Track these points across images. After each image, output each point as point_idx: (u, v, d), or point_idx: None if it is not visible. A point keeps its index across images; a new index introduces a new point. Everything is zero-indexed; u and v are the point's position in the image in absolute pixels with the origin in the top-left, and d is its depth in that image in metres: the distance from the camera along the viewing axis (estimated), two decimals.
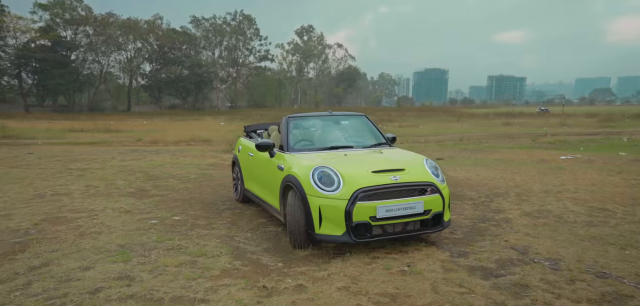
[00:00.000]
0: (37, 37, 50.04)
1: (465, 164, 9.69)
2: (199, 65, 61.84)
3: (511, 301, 2.94)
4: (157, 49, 59.40)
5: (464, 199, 6.14)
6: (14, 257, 3.50)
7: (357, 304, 2.88)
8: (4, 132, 18.04)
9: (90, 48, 54.91)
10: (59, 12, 52.88)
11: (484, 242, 4.21)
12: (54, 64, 48.42)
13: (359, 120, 5.44)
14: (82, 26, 54.20)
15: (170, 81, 58.54)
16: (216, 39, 69.99)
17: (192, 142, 16.04)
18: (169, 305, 2.72)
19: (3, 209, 5.10)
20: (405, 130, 24.29)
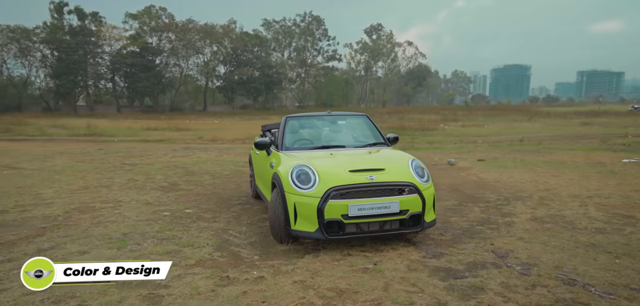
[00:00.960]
0: (128, 44, 55.52)
1: (505, 166, 9.20)
2: (269, 67, 64.32)
3: (456, 302, 2.95)
4: (231, 52, 62.84)
5: (478, 201, 5.94)
6: (32, 240, 4.10)
7: (302, 297, 3.02)
8: (90, 131, 20.42)
9: (172, 52, 59.68)
10: (146, 21, 58.17)
11: (468, 245, 4.15)
12: (141, 68, 53.43)
13: (358, 120, 5.52)
14: (165, 32, 59.08)
15: (242, 82, 61.59)
16: (286, 40, 72.22)
17: (247, 140, 16.91)
18: (133, 289, 3.08)
19: (49, 197, 5.96)
20: (466, 130, 23.31)
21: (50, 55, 52.41)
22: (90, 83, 55.41)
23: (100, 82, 56.92)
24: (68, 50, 50.37)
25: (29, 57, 52.53)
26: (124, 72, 55.46)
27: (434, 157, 10.90)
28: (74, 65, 50.71)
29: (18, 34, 50.95)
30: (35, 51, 52.61)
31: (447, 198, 6.21)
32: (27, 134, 19.13)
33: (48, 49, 52.12)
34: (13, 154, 11.18)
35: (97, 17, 55.06)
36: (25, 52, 51.91)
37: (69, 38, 51.42)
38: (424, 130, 22.89)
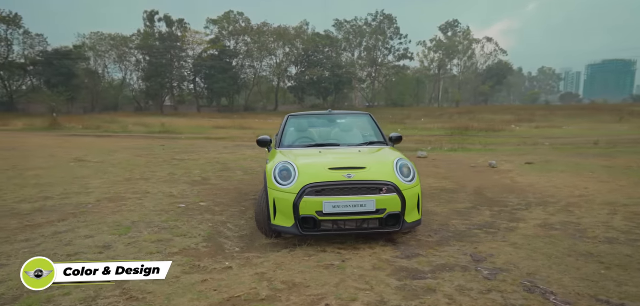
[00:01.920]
0: (208, 48, 59.49)
1: (552, 170, 8.50)
2: (338, 67, 64.81)
3: (398, 301, 2.95)
4: (302, 53, 64.44)
5: (494, 205, 5.69)
6: (55, 224, 4.60)
7: (252, 288, 3.17)
8: (164, 128, 22.35)
9: (248, 55, 62.78)
10: (225, 26, 61.89)
11: (450, 247, 4.06)
12: (219, 70, 56.94)
13: (359, 119, 5.55)
14: (242, 36, 62.33)
15: (313, 82, 62.82)
16: (356, 40, 72.22)
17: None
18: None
19: (93, 188, 6.71)
20: (539, 131, 21.64)
21: (142, 59, 57.95)
22: (175, 85, 60.29)
23: (184, 83, 61.66)
24: (157, 55, 55.34)
25: (125, 62, 58.70)
26: (204, 74, 59.48)
27: (478, 159, 10.36)
28: (162, 69, 55.55)
29: (118, 41, 57.11)
30: (131, 56, 58.57)
31: (463, 201, 5.97)
32: (112, 131, 21.51)
33: (141, 54, 57.68)
34: (88, 148, 12.72)
35: (182, 23, 59.78)
36: (122, 58, 58.06)
37: (159, 44, 56.45)
38: (489, 131, 21.64)
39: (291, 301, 2.96)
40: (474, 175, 8.15)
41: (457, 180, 7.58)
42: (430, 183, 7.35)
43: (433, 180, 7.62)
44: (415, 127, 26.60)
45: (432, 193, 6.55)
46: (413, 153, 11.25)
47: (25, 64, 50.60)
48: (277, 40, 63.44)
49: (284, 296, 3.03)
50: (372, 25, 71.72)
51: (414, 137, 18.20)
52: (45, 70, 48.77)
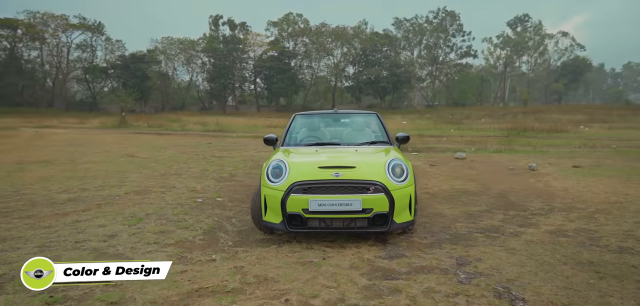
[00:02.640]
0: (268, 49, 61.39)
1: (598, 174, 7.85)
2: (397, 66, 63.76)
3: (357, 300, 2.92)
4: (360, 53, 64.26)
5: (511, 209, 5.46)
6: (79, 213, 5.01)
7: (224, 280, 3.28)
8: (219, 127, 23.47)
9: (306, 55, 63.84)
10: (284, 27, 63.49)
11: (439, 250, 3.96)
12: (278, 71, 58.55)
13: (365, 118, 5.53)
14: (300, 37, 63.53)
15: (370, 82, 62.42)
16: (416, 38, 70.48)
17: None
18: (109, 259, 3.62)
19: (129, 181, 7.23)
20: (611, 132, 19.80)
21: (207, 62, 61.16)
22: (236, 86, 62.91)
23: (245, 84, 64.15)
24: (221, 57, 58.14)
25: (192, 64, 62.26)
26: (263, 74, 61.47)
27: (519, 161, 9.76)
28: (225, 70, 58.25)
29: (186, 45, 60.78)
30: (197, 59, 62.01)
31: (480, 204, 5.71)
32: (171, 129, 23.03)
33: (206, 56, 60.90)
34: (141, 145, 13.76)
35: (244, 26, 62.27)
36: (189, 60, 61.66)
37: (222, 46, 59.27)
38: (551, 132, 20.16)
39: (254, 294, 3.05)
40: (507, 177, 7.71)
41: (485, 182, 7.22)
42: (454, 184, 7.08)
43: (459, 182, 7.33)
44: (471, 127, 25.46)
45: (452, 195, 6.32)
46: (451, 155, 10.84)
47: (106, 67, 55.58)
48: (335, 40, 63.84)
49: (249, 290, 3.11)
50: (433, 23, 69.55)
51: (465, 138, 17.46)
52: (123, 73, 53.24)
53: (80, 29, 53.89)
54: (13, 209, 5.10)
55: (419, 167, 9.25)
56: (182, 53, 61.16)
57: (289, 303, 2.90)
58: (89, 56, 55.77)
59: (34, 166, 8.62)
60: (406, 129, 25.35)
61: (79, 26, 53.59)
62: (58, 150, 11.69)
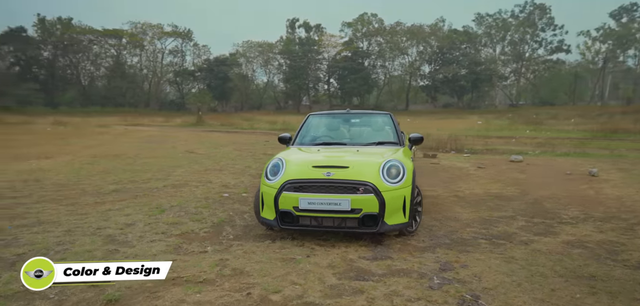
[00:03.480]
0: (342, 50, 61.89)
1: None
2: (477, 63, 60.44)
3: (316, 298, 2.95)
4: (436, 51, 62.03)
5: (538, 216, 5.10)
6: (115, 203, 5.47)
7: (201, 271, 3.38)
8: (285, 126, 24.25)
9: (380, 55, 63.22)
10: (358, 28, 63.51)
11: (430, 254, 3.85)
12: (351, 71, 58.79)
13: (377, 118, 5.48)
14: (374, 37, 63.10)
15: (447, 81, 59.94)
16: (499, 34, 66.12)
17: None
18: (117, 245, 3.92)
19: (174, 175, 7.78)
20: None
21: (284, 63, 63.37)
22: (311, 86, 64.31)
23: (319, 84, 65.34)
24: (296, 59, 59.90)
25: (269, 66, 64.99)
26: (337, 74, 62.09)
27: (582, 166, 8.81)
28: (299, 71, 59.89)
29: (264, 48, 63.64)
30: (274, 60, 64.57)
31: (506, 209, 5.39)
32: (241, 127, 24.35)
33: (282, 58, 63.12)
34: (205, 142, 14.77)
35: (319, 28, 63.48)
36: (267, 62, 64.44)
37: (298, 48, 61.04)
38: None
39: (222, 286, 3.16)
40: (557, 182, 7.06)
41: (526, 187, 6.70)
42: (490, 188, 6.66)
43: (498, 186, 6.87)
44: (552, 128, 23.34)
45: (482, 199, 5.98)
46: (506, 157, 10.11)
47: (194, 70, 60.23)
48: (410, 39, 62.37)
49: (220, 282, 3.22)
50: (519, 17, 64.69)
51: (537, 140, 16.09)
52: (207, 75, 57.32)
53: (172, 36, 59.14)
54: (64, 197, 5.86)
55: (464, 169, 8.79)
56: (260, 55, 64.09)
57: (249, 296, 3.00)
58: (179, 60, 61.01)
59: (104, 160, 9.74)
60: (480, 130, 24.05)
61: (172, 33, 58.82)
62: (132, 146, 13.03)
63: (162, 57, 60.49)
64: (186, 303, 2.87)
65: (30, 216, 4.85)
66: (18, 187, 6.38)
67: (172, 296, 2.96)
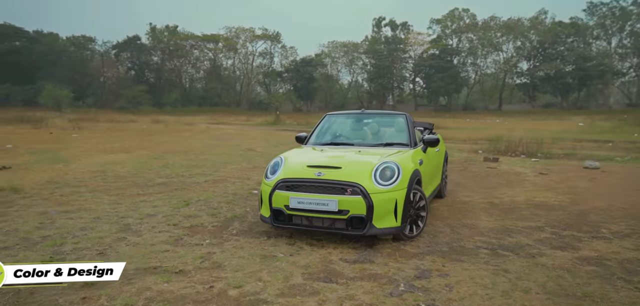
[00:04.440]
0: (429, 48, 59.76)
1: None
2: (586, 58, 53.87)
3: (269, 296, 2.97)
4: (536, 46, 56.69)
5: (576, 229, 4.54)
6: (153, 195, 5.91)
7: (182, 263, 3.53)
8: None
9: (470, 52, 59.71)
10: (447, 24, 60.73)
11: (417, 261, 3.65)
12: (438, 69, 56.44)
13: (389, 119, 5.31)
14: (465, 33, 59.79)
15: (548, 78, 54.45)
16: (616, 25, 58.14)
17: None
18: (127, 233, 4.24)
19: (221, 171, 8.33)
20: None
21: (368, 63, 63.14)
22: (395, 85, 63.16)
23: (404, 83, 63.90)
24: (381, 58, 59.32)
25: (353, 66, 65.21)
26: (423, 73, 60.10)
27: None
28: (384, 70, 59.20)
29: (349, 48, 64.08)
30: (358, 60, 64.63)
31: (537, 219, 4.92)
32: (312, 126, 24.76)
33: (367, 57, 62.93)
34: (268, 140, 15.36)
35: (406, 26, 62.07)
36: (351, 62, 64.76)
37: (383, 47, 60.38)
38: None
39: (193, 278, 3.25)
40: (622, 194, 6.16)
41: (581, 197, 5.96)
42: (535, 197, 6.05)
43: (547, 195, 6.20)
44: None
45: (519, 207, 5.48)
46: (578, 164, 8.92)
47: (281, 71, 62.94)
48: (505, 34, 57.88)
49: (193, 273, 3.33)
50: None
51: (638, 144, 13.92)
52: (294, 76, 59.47)
53: (262, 39, 62.51)
54: (115, 188, 6.56)
55: (521, 175, 8.00)
56: (345, 55, 64.64)
57: (210, 289, 3.08)
58: (267, 62, 64.19)
59: (171, 155, 10.71)
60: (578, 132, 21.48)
61: (262, 36, 62.21)
62: (203, 143, 14.10)
63: (253, 59, 64.24)
64: (151, 290, 3.03)
65: (77, 203, 5.54)
66: (84, 178, 7.30)
67: (143, 283, 3.16)
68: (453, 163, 9.54)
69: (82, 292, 2.96)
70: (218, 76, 60.89)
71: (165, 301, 2.85)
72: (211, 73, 61.20)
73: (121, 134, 17.04)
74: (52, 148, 11.45)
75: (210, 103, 56.34)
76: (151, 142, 13.77)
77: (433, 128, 6.71)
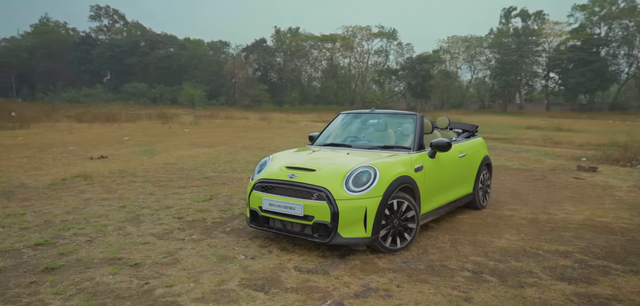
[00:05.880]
0: (567, 39, 52.24)
1: None
2: None
3: (188, 301, 2.99)
4: None
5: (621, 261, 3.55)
6: (189, 187, 6.42)
7: (146, 256, 3.71)
8: None
9: (625, 41, 50.39)
10: (594, 10, 52.23)
11: (376, 276, 3.34)
12: (579, 63, 48.91)
13: (396, 120, 4.85)
14: (618, 20, 50.70)
15: None
16: None
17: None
18: (131, 223, 4.57)
19: (238, 168, 8.59)
20: None
21: (492, 58, 57.98)
22: (524, 82, 56.76)
23: (534, 80, 57.00)
24: (508, 52, 53.93)
25: (474, 61, 60.53)
26: (560, 68, 52.88)
27: None
28: (511, 66, 53.70)
29: (472, 42, 59.74)
30: (481, 55, 59.76)
31: (579, 242, 3.99)
32: None
33: (491, 52, 57.83)
34: None
35: (540, 15, 55.34)
36: (473, 58, 60.22)
37: (511, 40, 54.82)
38: None
39: (138, 273, 3.35)
40: None
41: None
42: (603, 215, 5.02)
43: (622, 215, 5.11)
44: None
45: (566, 226, 4.63)
46: None
47: (396, 69, 61.83)
48: None
49: (144, 268, 3.45)
50: None
51: None
52: (408, 73, 57.87)
53: (379, 37, 62.17)
54: (167, 180, 7.15)
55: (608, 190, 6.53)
56: (466, 51, 60.47)
57: (143, 286, 3.15)
58: (382, 60, 63.62)
59: (246, 151, 11.36)
60: None
61: (378, 34, 61.86)
62: (289, 140, 14.61)
63: (368, 58, 64.33)
64: (91, 281, 3.20)
65: (120, 192, 6.21)
66: (150, 170, 8.15)
67: (95, 271, 3.39)
68: (530, 171, 8.24)
69: (34, 276, 3.30)
70: (334, 75, 62.53)
71: (92, 294, 3.03)
72: (328, 72, 63.15)
73: (224, 130, 18.70)
74: (153, 141, 13.14)
75: (325, 101, 58.18)
76: (241, 138, 14.79)
77: (475, 130, 5.91)
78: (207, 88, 53.42)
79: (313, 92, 62.92)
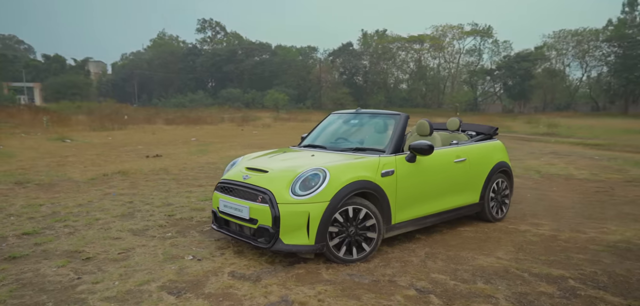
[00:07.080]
0: None
1: None
2: None
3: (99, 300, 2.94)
4: None
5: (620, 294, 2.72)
6: (203, 186, 6.62)
7: (103, 251, 3.81)
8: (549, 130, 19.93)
9: None
10: None
11: (302, 289, 3.04)
12: None
13: (375, 121, 4.43)
14: None
15: None
16: None
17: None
18: (127, 218, 4.79)
19: None
20: None
21: (611, 52, 50.73)
22: None
23: None
24: (632, 46, 46.74)
25: (587, 57, 53.47)
26: None
27: None
28: (632, 62, 46.44)
29: (584, 36, 52.87)
30: (596, 50, 52.59)
31: (585, 267, 3.12)
32: None
33: (610, 47, 50.63)
34: None
35: None
36: (584, 54, 53.29)
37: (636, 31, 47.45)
38: None
39: (82, 268, 3.42)
40: None
41: None
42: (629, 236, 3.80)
43: None
44: None
45: (596, 247, 3.77)
46: None
47: (490, 69, 57.42)
48: None
49: (92, 262, 3.53)
50: None
51: None
52: (504, 73, 53.32)
53: (472, 35, 58.39)
54: (192, 178, 7.39)
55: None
56: (577, 46, 53.79)
57: (73, 281, 3.21)
58: (475, 60, 59.58)
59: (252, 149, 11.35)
60: None
61: (471, 32, 58.12)
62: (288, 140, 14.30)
63: (459, 58, 60.78)
64: (34, 273, 3.34)
65: (144, 188, 6.56)
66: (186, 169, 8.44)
67: (47, 263, 3.54)
68: (598, 182, 6.91)
69: None
70: (422, 76, 60.28)
71: (22, 285, 3.15)
72: (415, 74, 61.09)
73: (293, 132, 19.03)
74: (215, 142, 13.84)
75: (411, 103, 56.35)
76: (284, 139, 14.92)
77: (494, 133, 5.12)
78: (294, 93, 55.23)
79: (399, 95, 61.35)
